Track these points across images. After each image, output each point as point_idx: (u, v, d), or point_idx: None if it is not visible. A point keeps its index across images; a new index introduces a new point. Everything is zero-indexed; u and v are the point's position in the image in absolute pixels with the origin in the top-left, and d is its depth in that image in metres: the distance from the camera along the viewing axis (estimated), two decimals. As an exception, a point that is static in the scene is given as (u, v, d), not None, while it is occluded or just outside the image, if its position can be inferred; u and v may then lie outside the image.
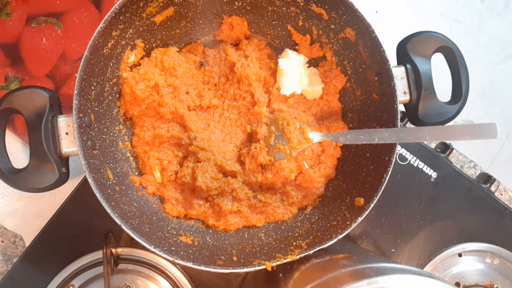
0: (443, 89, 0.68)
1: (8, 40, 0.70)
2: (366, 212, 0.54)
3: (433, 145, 0.73)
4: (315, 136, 0.59)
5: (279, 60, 0.63)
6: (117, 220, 0.51)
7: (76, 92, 0.51)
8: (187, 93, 0.63)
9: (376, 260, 0.46)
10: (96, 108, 0.57)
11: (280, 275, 0.54)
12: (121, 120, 0.62)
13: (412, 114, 0.58)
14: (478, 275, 0.69)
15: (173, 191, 0.63)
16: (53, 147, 0.52)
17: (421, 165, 0.69)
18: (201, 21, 0.65)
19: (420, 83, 0.56)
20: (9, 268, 0.65)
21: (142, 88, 0.59)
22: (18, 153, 0.70)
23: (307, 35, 0.65)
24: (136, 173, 0.63)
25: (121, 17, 0.55)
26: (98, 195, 0.51)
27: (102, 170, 0.56)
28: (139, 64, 0.62)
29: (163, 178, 0.62)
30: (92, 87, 0.55)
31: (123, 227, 0.51)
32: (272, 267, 0.53)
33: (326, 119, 0.65)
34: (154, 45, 0.63)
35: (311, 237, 0.58)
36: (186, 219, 0.63)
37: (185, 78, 0.63)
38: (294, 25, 0.64)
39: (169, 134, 0.62)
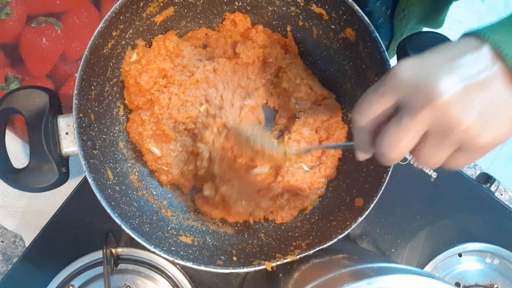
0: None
1: (8, 40, 0.70)
2: (366, 212, 0.54)
3: (433, 145, 0.73)
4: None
5: None
6: (117, 220, 0.51)
7: (76, 92, 0.51)
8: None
9: (376, 260, 0.46)
10: (96, 108, 0.57)
11: (280, 275, 0.54)
12: (121, 120, 0.62)
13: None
14: (478, 275, 0.69)
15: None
16: (53, 147, 0.52)
17: (421, 165, 0.69)
18: (201, 21, 0.65)
19: (420, 83, 0.56)
20: (9, 268, 0.65)
21: (146, 78, 0.59)
22: (18, 153, 0.70)
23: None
24: (137, 174, 0.62)
25: (121, 17, 0.55)
26: (98, 195, 0.51)
27: (102, 170, 0.56)
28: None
29: (162, 151, 0.61)
30: (92, 87, 0.55)
31: (123, 227, 0.51)
32: (272, 267, 0.53)
33: (325, 119, 0.65)
34: (154, 45, 0.63)
35: (311, 237, 0.58)
36: (193, 213, 0.63)
37: (192, 56, 0.63)
38: (294, 25, 0.64)
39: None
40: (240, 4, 0.63)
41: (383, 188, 0.54)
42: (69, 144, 0.53)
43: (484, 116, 0.32)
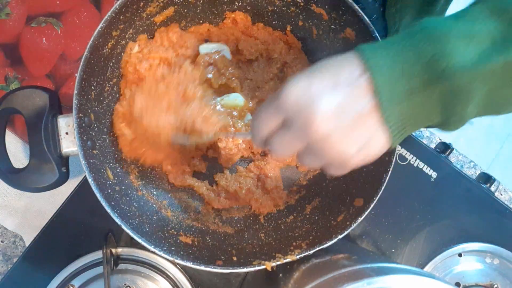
0: (443, 89, 0.68)
1: (8, 40, 0.70)
2: (366, 212, 0.54)
3: (433, 145, 0.73)
4: None
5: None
6: (117, 220, 0.51)
7: (76, 92, 0.51)
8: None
9: (376, 260, 0.46)
10: (96, 108, 0.57)
11: (280, 275, 0.54)
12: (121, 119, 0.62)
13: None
14: (478, 275, 0.69)
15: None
16: (53, 147, 0.52)
17: (421, 165, 0.69)
18: (201, 21, 0.65)
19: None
20: (9, 268, 0.65)
21: (146, 66, 0.59)
22: (18, 153, 0.70)
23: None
24: (137, 174, 0.62)
25: (121, 17, 0.55)
26: (98, 195, 0.51)
27: (102, 170, 0.56)
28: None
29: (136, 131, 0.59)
30: (92, 87, 0.55)
31: (123, 227, 0.51)
32: (272, 267, 0.53)
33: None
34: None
35: (311, 237, 0.58)
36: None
37: (196, 47, 0.63)
38: (294, 25, 0.64)
39: None
40: (240, 4, 0.63)
41: (383, 188, 0.54)
42: (69, 144, 0.53)
43: (353, 148, 0.36)
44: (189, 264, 0.52)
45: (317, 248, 0.53)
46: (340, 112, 0.35)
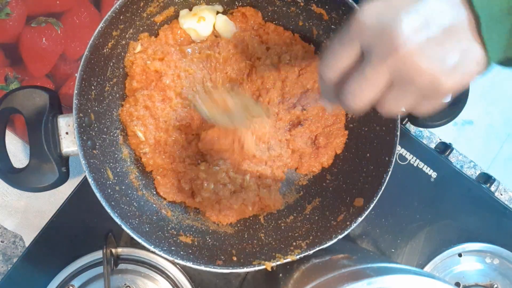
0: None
1: (8, 40, 0.70)
2: (366, 212, 0.54)
3: (433, 145, 0.73)
4: None
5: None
6: (117, 220, 0.51)
7: (76, 92, 0.51)
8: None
9: (376, 260, 0.46)
10: (96, 108, 0.57)
11: (280, 275, 0.54)
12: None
13: (413, 114, 0.58)
14: (478, 275, 0.69)
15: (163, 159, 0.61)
16: (53, 147, 0.52)
17: (421, 165, 0.69)
18: (201, 21, 0.65)
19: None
20: (9, 268, 0.65)
21: (155, 67, 0.59)
22: (18, 153, 0.70)
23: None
24: (137, 173, 0.62)
25: (121, 17, 0.55)
26: (98, 195, 0.51)
27: (102, 170, 0.56)
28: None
29: (146, 136, 0.60)
30: (92, 87, 0.55)
31: (123, 227, 0.51)
32: (272, 267, 0.53)
33: (329, 125, 0.65)
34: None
35: (311, 237, 0.58)
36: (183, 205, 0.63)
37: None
38: (294, 25, 0.64)
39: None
40: (240, 4, 0.63)
41: (383, 188, 0.54)
42: (69, 144, 0.53)
43: (447, 63, 0.30)
44: (189, 264, 0.52)
45: (317, 248, 0.53)
46: (429, 23, 0.30)
